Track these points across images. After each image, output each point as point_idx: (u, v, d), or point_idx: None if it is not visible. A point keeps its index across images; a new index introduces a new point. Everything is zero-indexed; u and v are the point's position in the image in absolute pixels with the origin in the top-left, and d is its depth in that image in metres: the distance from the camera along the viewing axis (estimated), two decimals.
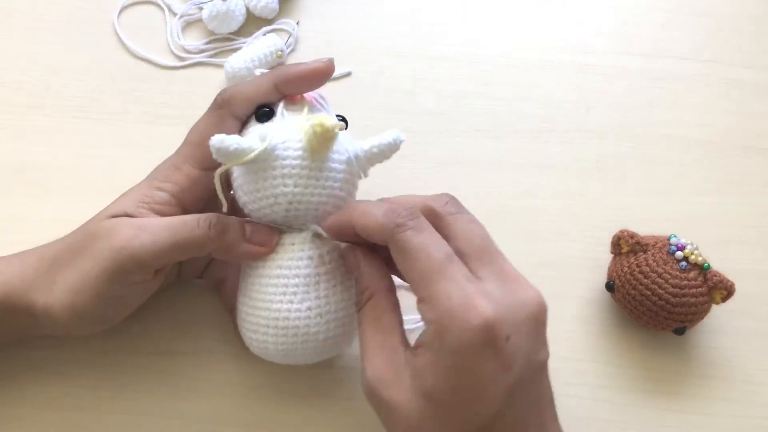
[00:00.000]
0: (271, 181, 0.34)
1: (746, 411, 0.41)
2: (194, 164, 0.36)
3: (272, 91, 0.36)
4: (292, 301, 0.35)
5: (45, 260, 0.36)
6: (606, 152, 0.49)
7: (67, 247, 0.36)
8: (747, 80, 0.52)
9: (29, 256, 0.37)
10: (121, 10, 0.53)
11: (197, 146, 0.36)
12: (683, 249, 0.41)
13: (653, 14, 0.55)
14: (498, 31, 0.54)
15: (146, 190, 0.36)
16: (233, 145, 0.32)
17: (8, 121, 0.48)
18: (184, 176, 0.36)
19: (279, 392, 0.40)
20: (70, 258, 0.35)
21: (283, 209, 0.34)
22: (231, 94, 0.36)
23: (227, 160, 0.33)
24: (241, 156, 0.33)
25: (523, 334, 0.29)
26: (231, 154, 0.33)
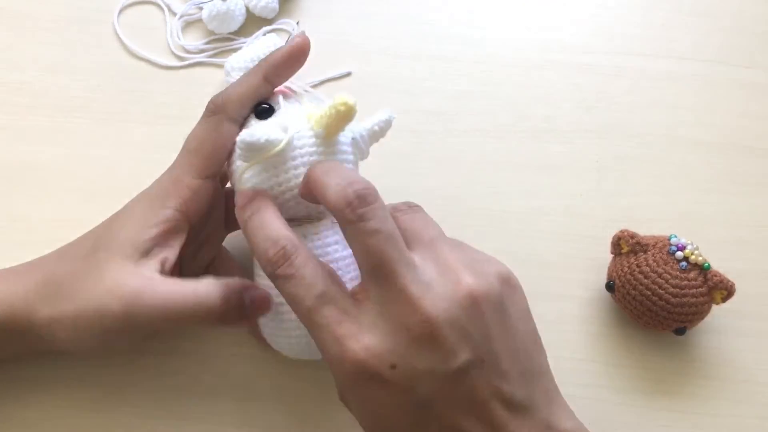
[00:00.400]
0: (293, 171, 0.34)
1: (746, 411, 0.41)
2: (195, 174, 0.36)
3: (263, 84, 0.35)
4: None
5: (50, 284, 0.35)
6: (606, 152, 0.49)
7: (72, 274, 0.35)
8: (747, 80, 0.52)
9: (31, 274, 0.36)
10: (121, 10, 0.53)
11: (196, 155, 0.36)
12: (683, 249, 0.41)
13: (653, 14, 0.55)
14: (498, 31, 0.54)
15: (151, 213, 0.35)
16: (263, 137, 0.32)
17: (8, 121, 0.48)
18: (185, 188, 0.35)
19: (279, 392, 0.40)
20: (74, 289, 0.34)
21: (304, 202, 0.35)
22: (224, 98, 0.35)
23: (256, 154, 0.33)
24: (270, 148, 0.33)
25: (413, 355, 0.28)
26: (261, 147, 0.32)
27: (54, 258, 0.37)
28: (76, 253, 0.36)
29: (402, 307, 0.29)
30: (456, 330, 0.29)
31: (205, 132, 0.36)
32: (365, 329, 0.29)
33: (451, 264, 0.31)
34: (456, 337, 0.29)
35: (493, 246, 0.45)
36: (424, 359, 0.29)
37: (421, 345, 0.28)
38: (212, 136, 0.35)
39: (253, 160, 0.33)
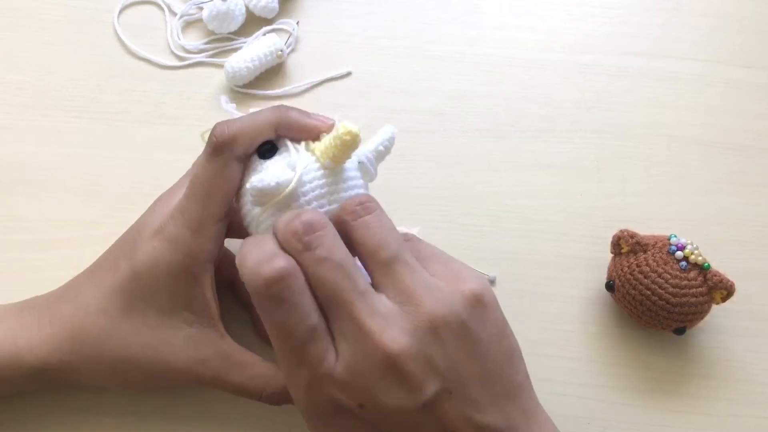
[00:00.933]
0: (305, 207, 0.33)
1: (746, 411, 0.41)
2: (213, 220, 0.34)
3: (272, 132, 0.34)
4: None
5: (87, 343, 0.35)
6: (606, 152, 0.49)
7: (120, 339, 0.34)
8: (747, 80, 0.52)
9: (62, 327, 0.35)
10: (121, 10, 0.53)
11: (210, 200, 0.34)
12: (683, 249, 0.41)
13: (653, 14, 0.55)
14: (498, 31, 0.54)
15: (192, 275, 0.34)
16: (273, 181, 0.32)
17: (8, 121, 0.48)
18: (209, 238, 0.34)
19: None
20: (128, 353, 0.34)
21: None
22: (232, 136, 0.33)
23: (268, 198, 0.32)
24: (281, 190, 0.32)
25: (380, 393, 0.28)
26: (273, 191, 0.32)
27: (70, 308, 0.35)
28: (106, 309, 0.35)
29: (363, 344, 0.28)
30: (420, 363, 0.28)
31: (212, 174, 0.34)
32: (337, 370, 0.29)
33: (409, 289, 0.29)
34: (421, 371, 0.28)
35: (493, 246, 0.46)
36: (392, 396, 0.28)
37: (387, 382, 0.28)
38: (221, 179, 0.33)
39: (266, 203, 0.33)
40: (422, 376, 0.28)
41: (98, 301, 0.35)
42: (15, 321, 0.35)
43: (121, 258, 0.35)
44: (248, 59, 0.49)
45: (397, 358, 0.28)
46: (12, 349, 0.34)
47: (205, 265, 0.34)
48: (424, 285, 0.30)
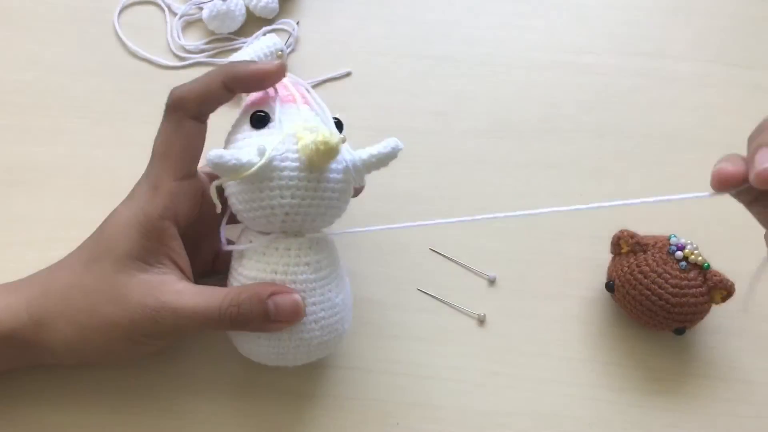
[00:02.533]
0: (267, 192, 0.34)
1: (746, 411, 0.41)
2: (170, 177, 0.36)
3: (222, 90, 0.35)
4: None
5: (51, 296, 0.35)
6: (606, 152, 0.49)
7: (80, 289, 0.35)
8: (747, 80, 0.52)
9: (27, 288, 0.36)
10: (121, 10, 0.53)
11: (167, 158, 0.36)
12: (683, 249, 0.41)
13: (653, 14, 0.55)
14: (498, 31, 0.54)
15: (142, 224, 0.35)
16: (231, 161, 0.32)
17: (8, 121, 0.48)
18: (165, 194, 0.35)
19: (280, 392, 0.40)
20: (87, 303, 0.35)
21: (280, 220, 0.34)
22: (181, 95, 0.35)
23: (225, 174, 0.33)
24: (240, 171, 0.32)
25: None
26: (230, 170, 0.32)
27: (49, 271, 0.37)
28: (72, 264, 0.36)
29: None
30: None
31: (169, 133, 0.36)
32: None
33: None
34: None
35: (493, 246, 0.46)
36: None
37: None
38: (177, 137, 0.35)
39: (226, 177, 0.33)
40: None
41: (68, 259, 0.37)
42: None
43: (99, 227, 0.37)
44: (248, 59, 0.49)
45: None
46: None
47: (162, 221, 0.35)
48: None
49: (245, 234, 0.37)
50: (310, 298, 0.35)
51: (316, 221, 0.35)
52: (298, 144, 0.33)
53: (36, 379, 0.40)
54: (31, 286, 0.36)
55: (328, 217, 0.35)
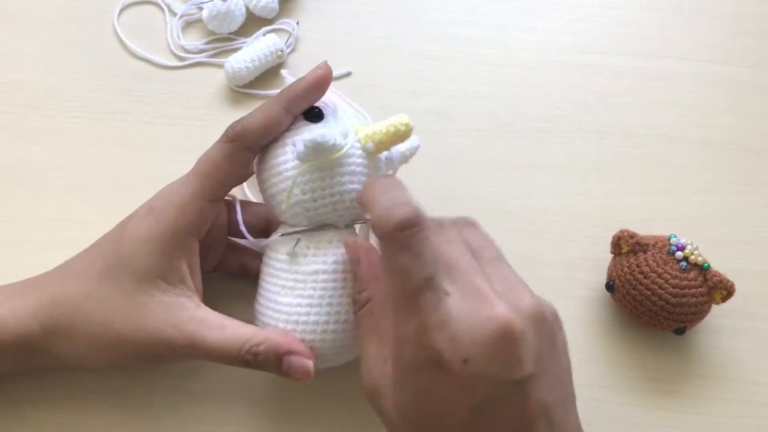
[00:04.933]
0: (338, 178, 0.35)
1: (746, 411, 0.41)
2: (205, 198, 0.36)
3: (284, 115, 0.35)
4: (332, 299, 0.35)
5: (63, 306, 0.35)
6: (606, 152, 0.49)
7: (95, 302, 0.35)
8: (747, 80, 0.52)
9: (37, 293, 0.36)
10: (121, 10, 0.53)
11: (209, 179, 0.36)
12: (683, 249, 0.41)
13: (653, 14, 0.55)
14: (498, 31, 0.54)
15: (167, 239, 0.35)
16: (332, 140, 0.33)
17: (8, 121, 0.48)
18: (196, 214, 0.35)
19: (280, 391, 0.40)
20: (102, 318, 0.35)
21: (344, 207, 0.35)
22: (244, 128, 0.35)
23: (318, 155, 0.34)
24: (333, 152, 0.34)
25: (485, 355, 0.28)
26: (328, 150, 0.33)
27: (58, 277, 0.37)
28: (86, 272, 0.36)
29: (480, 305, 0.29)
30: (525, 342, 0.29)
31: (220, 157, 0.36)
32: (451, 320, 0.29)
33: (513, 282, 0.31)
34: (524, 349, 0.28)
35: None
36: (495, 362, 0.28)
37: (497, 347, 0.28)
38: (227, 163, 0.35)
39: (313, 160, 0.34)
40: (524, 354, 0.29)
41: (80, 268, 0.36)
42: (3, 293, 0.36)
43: (113, 234, 0.37)
44: (248, 59, 0.49)
45: (511, 328, 0.28)
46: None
47: (186, 238, 0.35)
48: (523, 283, 0.32)
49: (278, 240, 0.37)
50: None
51: (364, 212, 0.36)
52: (358, 133, 0.36)
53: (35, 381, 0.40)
54: (38, 291, 0.36)
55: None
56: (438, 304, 0.29)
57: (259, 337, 0.34)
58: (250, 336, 0.34)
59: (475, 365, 0.28)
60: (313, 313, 0.35)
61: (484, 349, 0.28)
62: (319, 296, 0.35)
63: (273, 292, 0.36)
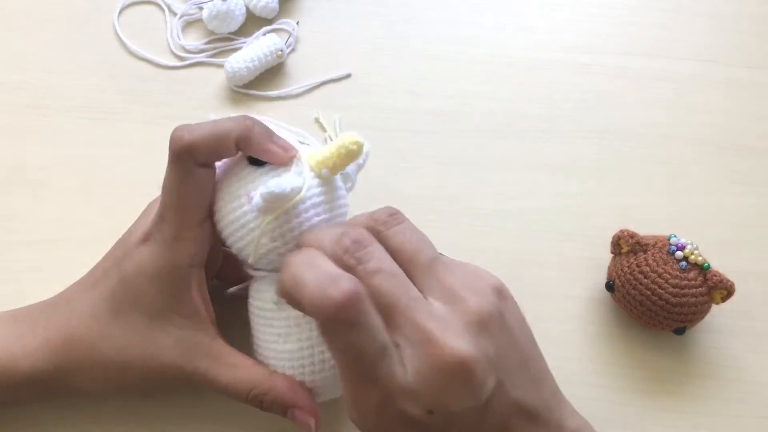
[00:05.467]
0: (304, 215, 0.33)
1: (746, 411, 0.41)
2: (191, 226, 0.34)
3: (234, 147, 0.33)
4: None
5: (77, 346, 0.35)
6: (606, 152, 0.49)
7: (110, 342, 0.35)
8: (747, 80, 0.52)
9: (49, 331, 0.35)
10: (121, 10, 0.53)
11: (182, 209, 0.34)
12: (683, 249, 0.41)
13: (653, 14, 0.55)
14: (498, 31, 0.54)
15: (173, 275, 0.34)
16: (289, 187, 0.32)
17: (8, 121, 0.48)
18: (191, 242, 0.34)
19: None
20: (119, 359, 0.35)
21: None
22: (191, 144, 0.33)
23: (278, 205, 0.32)
24: (295, 195, 0.32)
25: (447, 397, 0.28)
26: (286, 198, 0.32)
27: (66, 315, 0.36)
28: (95, 311, 0.35)
29: (429, 349, 0.28)
30: (481, 361, 0.28)
31: (178, 183, 0.33)
32: (408, 381, 0.28)
33: (454, 288, 0.30)
34: (482, 369, 0.28)
35: (493, 246, 0.46)
36: (460, 397, 0.28)
37: (456, 384, 0.28)
38: (188, 187, 0.33)
39: (275, 211, 0.33)
40: (483, 373, 0.28)
41: (89, 306, 0.35)
42: (10, 329, 0.36)
43: (112, 265, 0.36)
44: (248, 59, 0.49)
45: (463, 360, 0.28)
46: (7, 356, 0.35)
47: (191, 269, 0.35)
48: (462, 282, 0.30)
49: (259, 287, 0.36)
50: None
51: None
52: (309, 161, 0.34)
53: None
54: (48, 330, 0.35)
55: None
56: (393, 370, 0.28)
57: (266, 385, 0.34)
58: (258, 383, 0.34)
59: (441, 410, 0.28)
60: (317, 353, 0.35)
61: (446, 394, 0.28)
62: (318, 335, 0.34)
63: (271, 342, 0.35)
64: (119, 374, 0.35)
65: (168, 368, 0.34)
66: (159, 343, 0.34)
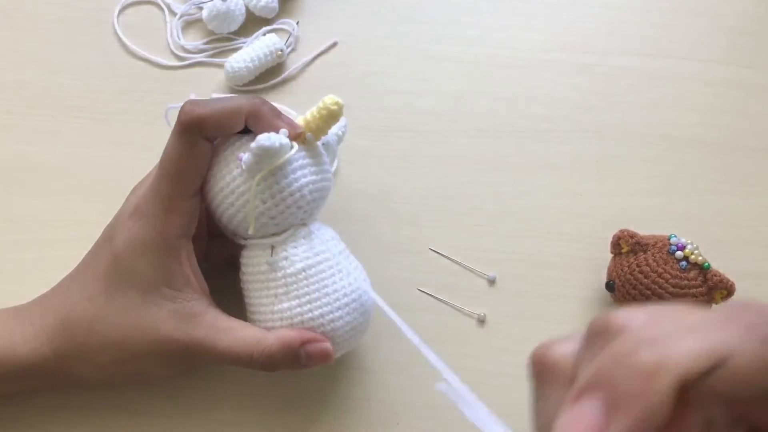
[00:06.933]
0: (292, 176, 0.35)
1: None
2: (184, 197, 0.35)
3: (241, 121, 0.35)
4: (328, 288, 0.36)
5: (74, 330, 0.35)
6: (606, 152, 0.49)
7: (106, 322, 0.35)
8: (747, 80, 0.52)
9: (42, 317, 0.36)
10: (121, 10, 0.53)
11: (180, 179, 0.35)
12: (683, 249, 0.41)
13: (653, 14, 0.55)
14: (498, 31, 0.54)
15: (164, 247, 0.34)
16: (278, 142, 0.33)
17: (8, 121, 0.48)
18: (181, 214, 0.35)
19: (281, 392, 0.40)
20: (117, 336, 0.35)
21: (307, 201, 0.35)
22: (201, 117, 0.34)
23: (270, 161, 0.33)
24: (284, 152, 0.34)
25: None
26: (276, 153, 0.33)
27: (61, 300, 0.36)
28: (89, 292, 0.36)
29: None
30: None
31: (182, 153, 0.34)
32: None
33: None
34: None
35: (493, 246, 0.46)
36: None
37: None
38: (191, 157, 0.34)
39: (263, 168, 0.33)
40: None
41: (83, 289, 0.36)
42: (9, 318, 0.36)
43: (103, 246, 0.36)
44: (248, 59, 0.49)
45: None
46: (7, 344, 0.35)
47: (180, 240, 0.35)
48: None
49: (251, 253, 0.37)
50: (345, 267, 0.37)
51: (325, 199, 0.37)
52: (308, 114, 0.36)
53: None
54: (44, 317, 0.36)
55: (327, 194, 0.38)
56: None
57: (270, 338, 0.35)
58: (260, 337, 0.35)
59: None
60: (315, 308, 0.35)
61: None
62: (315, 290, 0.35)
63: (266, 304, 0.36)
64: (117, 354, 0.35)
65: (165, 341, 0.34)
66: (154, 316, 0.34)
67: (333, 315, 0.35)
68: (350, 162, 0.48)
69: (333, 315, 0.35)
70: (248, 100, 0.35)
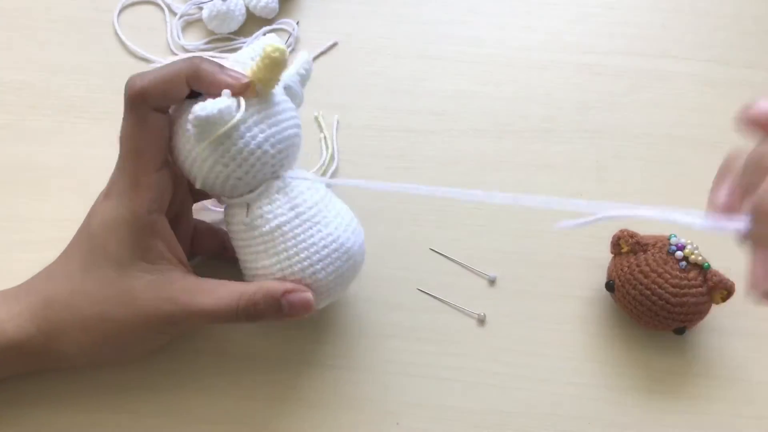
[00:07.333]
0: (248, 134, 0.34)
1: (746, 411, 0.41)
2: (149, 171, 0.35)
3: (185, 86, 0.35)
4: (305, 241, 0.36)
5: (55, 306, 0.35)
6: (606, 152, 0.49)
7: (84, 296, 0.35)
8: (747, 80, 0.52)
9: (25, 297, 0.36)
10: (121, 10, 0.53)
11: (138, 155, 0.35)
12: (683, 249, 0.41)
13: (653, 14, 0.55)
14: (498, 31, 0.54)
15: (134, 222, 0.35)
16: (215, 108, 0.32)
17: (8, 121, 0.48)
18: (148, 188, 0.35)
19: (279, 391, 0.40)
20: (96, 310, 0.35)
21: (272, 155, 0.35)
22: (143, 89, 0.34)
23: (214, 128, 0.33)
24: (227, 117, 0.33)
25: None
26: (218, 119, 0.32)
27: (44, 279, 0.37)
28: (67, 270, 0.36)
29: None
30: None
31: (135, 128, 0.35)
32: None
33: None
34: None
35: (493, 246, 0.46)
36: None
37: None
38: (144, 131, 0.35)
39: (212, 135, 0.33)
40: None
41: (63, 267, 0.37)
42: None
43: (82, 229, 0.37)
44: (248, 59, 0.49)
45: None
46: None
47: (150, 216, 0.35)
48: None
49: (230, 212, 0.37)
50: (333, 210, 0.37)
51: (295, 145, 0.36)
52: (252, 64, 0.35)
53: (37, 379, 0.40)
54: (29, 295, 0.36)
55: (297, 140, 0.37)
56: None
57: (253, 287, 0.35)
58: (243, 289, 0.35)
59: None
60: (294, 264, 0.35)
61: None
62: (293, 245, 0.35)
63: (251, 261, 0.37)
64: (100, 329, 0.35)
65: (146, 311, 0.35)
66: (131, 289, 0.35)
67: (313, 268, 0.35)
68: (350, 162, 0.48)
69: (313, 268, 0.35)
70: (185, 62, 0.34)
